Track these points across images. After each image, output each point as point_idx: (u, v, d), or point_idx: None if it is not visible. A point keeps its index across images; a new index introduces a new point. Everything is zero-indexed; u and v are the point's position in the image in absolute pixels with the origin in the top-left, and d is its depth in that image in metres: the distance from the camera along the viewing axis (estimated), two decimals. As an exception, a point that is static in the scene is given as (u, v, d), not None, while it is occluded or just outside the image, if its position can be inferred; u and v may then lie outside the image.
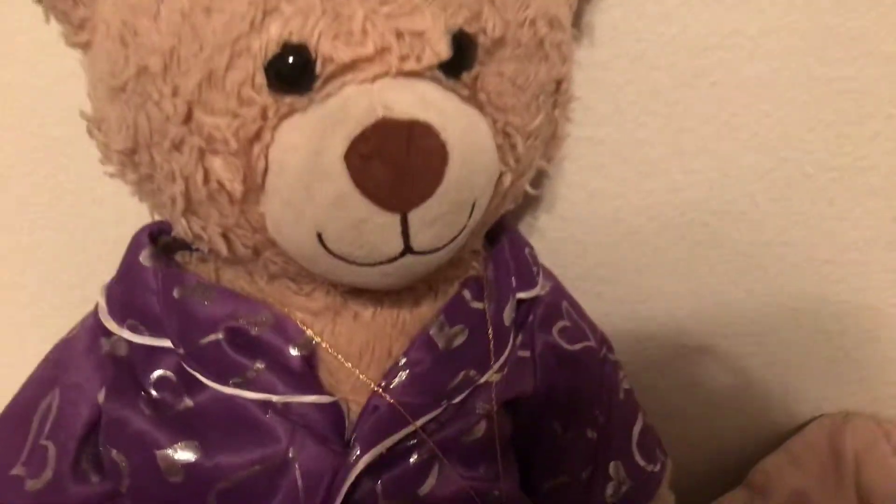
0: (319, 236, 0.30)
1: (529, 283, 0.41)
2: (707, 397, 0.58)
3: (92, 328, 0.37)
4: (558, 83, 0.36)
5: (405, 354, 0.36)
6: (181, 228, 0.34)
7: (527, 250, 0.43)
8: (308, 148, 0.29)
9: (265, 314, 0.35)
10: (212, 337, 0.34)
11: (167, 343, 0.35)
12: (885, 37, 0.46)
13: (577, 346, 0.43)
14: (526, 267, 0.42)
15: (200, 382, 0.34)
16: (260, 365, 0.34)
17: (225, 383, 0.34)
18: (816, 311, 0.55)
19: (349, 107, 0.28)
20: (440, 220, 0.30)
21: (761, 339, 0.56)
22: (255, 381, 0.34)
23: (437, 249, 0.31)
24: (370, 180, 0.28)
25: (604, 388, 0.44)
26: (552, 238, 0.53)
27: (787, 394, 0.58)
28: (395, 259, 0.31)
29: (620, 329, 0.55)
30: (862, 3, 0.45)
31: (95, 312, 0.37)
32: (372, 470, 0.34)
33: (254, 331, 0.35)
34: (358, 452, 0.34)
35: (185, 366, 0.35)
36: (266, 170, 0.30)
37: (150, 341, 0.35)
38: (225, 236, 0.33)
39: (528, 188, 0.39)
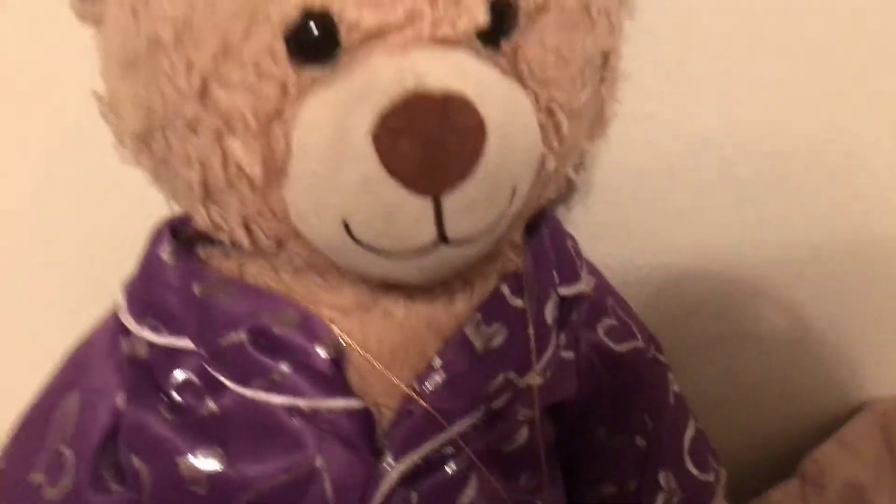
0: (346, 225, 0.27)
1: (572, 277, 0.38)
2: (752, 383, 0.57)
3: (111, 328, 0.35)
4: (606, 56, 0.32)
5: (440, 355, 0.33)
6: (200, 218, 0.31)
7: (569, 242, 0.40)
8: (332, 126, 0.26)
9: (290, 312, 0.32)
10: (233, 337, 0.32)
11: (188, 343, 0.33)
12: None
13: (625, 347, 0.40)
14: (568, 260, 0.39)
15: (223, 385, 0.32)
16: (285, 367, 0.32)
17: (248, 386, 0.32)
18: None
19: (376, 78, 0.26)
20: (477, 205, 0.27)
21: (806, 323, 0.54)
22: (280, 384, 0.32)
23: (474, 239, 0.29)
24: (400, 160, 0.25)
25: (653, 391, 0.41)
26: (594, 221, 0.50)
27: (834, 377, 0.56)
28: (428, 250, 0.28)
29: (665, 315, 0.54)
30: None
31: (115, 312, 0.35)
32: (406, 480, 0.32)
33: (278, 330, 0.32)
34: (391, 461, 0.32)
35: (206, 367, 0.33)
36: (288, 152, 0.27)
37: (170, 341, 0.33)
38: (246, 226, 0.30)
39: (571, 173, 0.35)
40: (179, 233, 0.36)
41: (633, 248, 0.51)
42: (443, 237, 0.27)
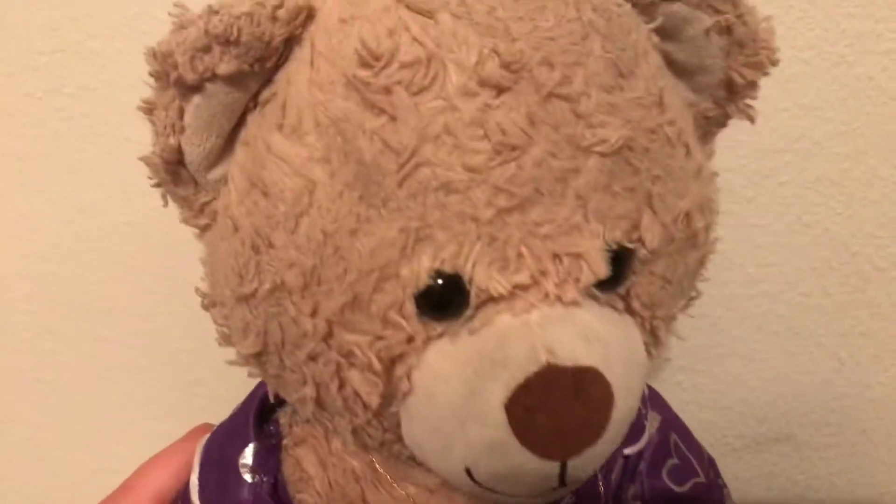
0: (468, 470, 0.27)
1: (637, 434, 0.38)
2: (789, 487, 0.59)
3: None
4: (702, 261, 0.32)
5: None
6: (305, 415, 0.32)
7: None
8: (462, 384, 0.26)
9: None
10: None
11: None
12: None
13: (687, 486, 0.40)
14: (636, 415, 0.40)
15: None
16: None
17: None
18: (896, 403, 0.56)
19: (509, 347, 0.26)
20: (600, 458, 0.28)
21: (840, 429, 0.57)
22: None
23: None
24: (533, 432, 0.25)
25: None
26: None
27: (870, 486, 0.58)
28: (546, 494, 0.29)
29: (700, 418, 0.57)
30: (926, 110, 0.49)
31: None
32: None
33: None
34: None
35: None
36: (409, 390, 0.28)
37: None
38: (354, 432, 0.31)
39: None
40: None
41: (670, 351, 0.56)
42: (562, 483, 0.28)
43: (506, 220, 0.25)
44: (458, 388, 0.26)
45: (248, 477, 0.35)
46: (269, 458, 0.35)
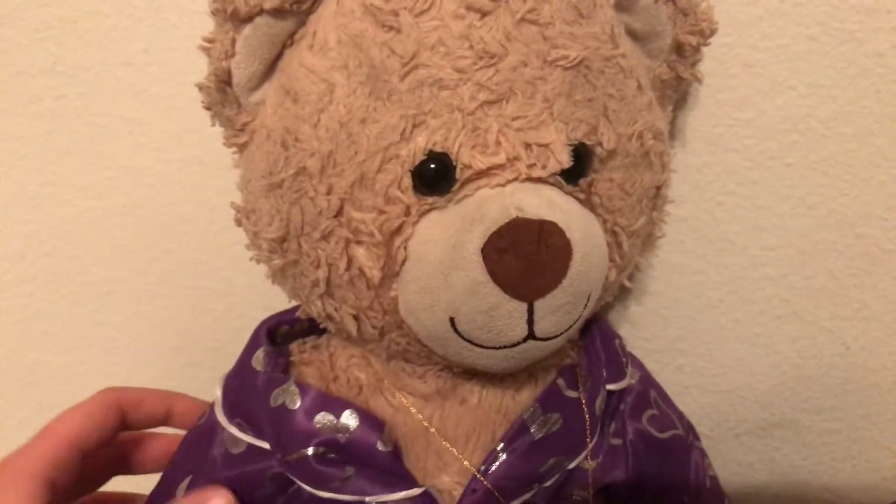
0: (452, 320, 0.33)
1: (619, 374, 0.43)
2: (791, 473, 0.58)
3: (213, 420, 0.40)
4: (658, 188, 0.39)
5: (503, 440, 0.38)
6: (315, 309, 0.37)
7: (616, 342, 0.44)
8: (447, 241, 0.32)
9: (351, 414, 0.37)
10: (302, 453, 0.36)
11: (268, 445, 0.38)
12: (959, 120, 0.48)
13: (667, 434, 0.44)
14: (616, 358, 0.43)
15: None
16: (350, 470, 0.36)
17: (320, 489, 0.36)
18: (902, 388, 0.55)
19: (485, 207, 0.32)
20: (562, 309, 0.33)
21: (845, 414, 0.56)
22: (347, 485, 0.36)
23: (555, 336, 0.34)
24: (503, 271, 0.31)
25: (691, 475, 0.45)
26: (633, 311, 0.55)
27: (874, 471, 0.58)
28: (518, 343, 0.33)
29: (702, 402, 0.57)
30: (935, 89, 0.47)
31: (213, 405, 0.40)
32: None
33: (341, 438, 0.36)
34: None
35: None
36: (405, 259, 0.33)
37: (254, 441, 0.38)
38: (356, 317, 0.36)
39: (626, 282, 0.41)
40: (276, 330, 0.42)
41: (668, 336, 0.56)
42: (532, 334, 0.33)
43: (486, 112, 0.32)
44: (443, 245, 0.32)
45: (258, 367, 0.39)
46: (279, 359, 0.40)
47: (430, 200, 0.33)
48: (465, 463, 0.38)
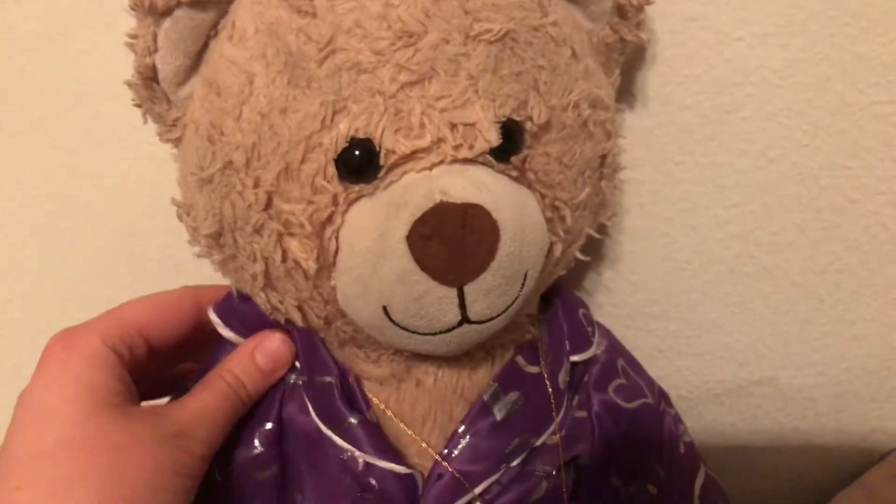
0: (385, 309, 0.33)
1: (583, 345, 0.42)
2: (775, 430, 0.57)
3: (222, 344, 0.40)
4: (603, 157, 0.38)
5: (463, 422, 0.38)
6: (261, 302, 0.37)
7: (581, 311, 0.44)
8: (374, 230, 0.31)
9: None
10: (327, 378, 0.38)
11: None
12: (920, 58, 0.45)
13: (635, 404, 0.43)
14: (580, 329, 0.43)
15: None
16: (353, 419, 0.37)
17: (327, 424, 0.37)
18: (882, 338, 0.53)
19: (410, 193, 0.31)
20: (494, 291, 0.32)
21: (825, 368, 0.55)
22: (348, 431, 0.37)
23: (492, 318, 0.34)
24: (429, 258, 0.30)
25: (663, 442, 0.44)
26: (602, 279, 0.54)
27: (860, 424, 0.57)
28: (453, 328, 0.33)
29: (678, 365, 0.56)
30: (892, 29, 0.45)
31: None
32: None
33: (352, 381, 0.38)
34: None
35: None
36: (337, 250, 0.33)
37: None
38: (300, 308, 0.36)
39: (579, 254, 0.40)
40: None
41: (638, 301, 0.55)
42: (466, 318, 0.33)
43: (408, 94, 0.31)
44: (371, 234, 0.31)
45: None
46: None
47: (356, 188, 0.32)
48: (423, 445, 0.38)
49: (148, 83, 0.35)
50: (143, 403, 0.36)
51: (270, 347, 0.38)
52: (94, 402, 0.32)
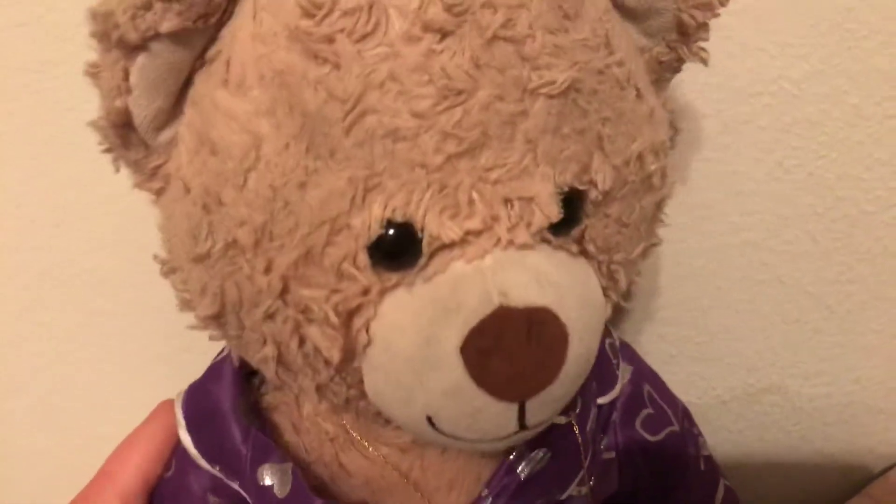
0: (429, 418, 0.28)
1: (610, 384, 0.39)
2: (782, 438, 0.58)
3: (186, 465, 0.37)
4: (660, 204, 0.33)
5: (487, 486, 0.35)
6: (269, 375, 0.32)
7: (607, 342, 0.40)
8: (418, 332, 0.26)
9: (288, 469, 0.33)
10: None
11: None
12: (936, 74, 0.46)
13: (661, 435, 0.41)
14: (606, 365, 0.40)
15: None
16: None
17: None
18: (891, 349, 0.54)
19: (462, 293, 0.26)
20: (558, 399, 0.28)
21: (834, 378, 0.55)
22: None
23: (550, 421, 0.30)
24: (489, 375, 0.26)
25: (688, 467, 0.43)
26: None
27: (867, 435, 0.57)
28: (508, 437, 0.29)
29: (688, 370, 0.57)
30: (909, 44, 0.46)
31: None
32: None
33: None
34: None
35: None
36: (368, 342, 0.28)
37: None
38: (318, 390, 0.31)
39: (623, 304, 0.34)
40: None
41: (652, 306, 0.55)
42: (523, 426, 0.28)
43: (455, 166, 0.25)
44: (414, 338, 0.26)
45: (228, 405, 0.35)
46: (254, 408, 0.36)
47: (393, 279, 0.27)
48: None
49: (120, 130, 0.28)
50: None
51: None
52: None
